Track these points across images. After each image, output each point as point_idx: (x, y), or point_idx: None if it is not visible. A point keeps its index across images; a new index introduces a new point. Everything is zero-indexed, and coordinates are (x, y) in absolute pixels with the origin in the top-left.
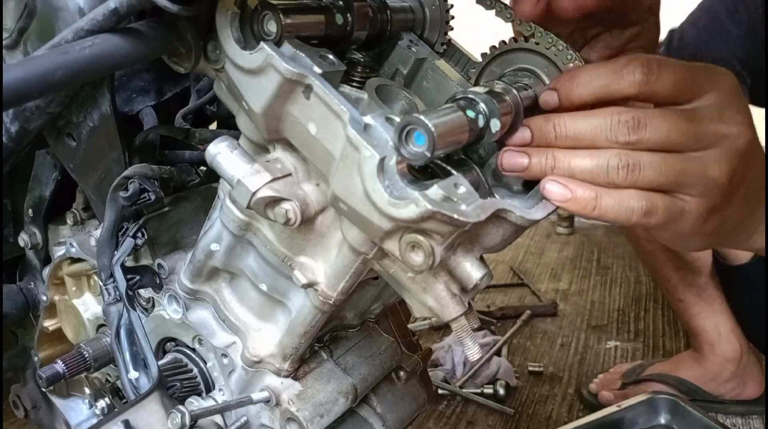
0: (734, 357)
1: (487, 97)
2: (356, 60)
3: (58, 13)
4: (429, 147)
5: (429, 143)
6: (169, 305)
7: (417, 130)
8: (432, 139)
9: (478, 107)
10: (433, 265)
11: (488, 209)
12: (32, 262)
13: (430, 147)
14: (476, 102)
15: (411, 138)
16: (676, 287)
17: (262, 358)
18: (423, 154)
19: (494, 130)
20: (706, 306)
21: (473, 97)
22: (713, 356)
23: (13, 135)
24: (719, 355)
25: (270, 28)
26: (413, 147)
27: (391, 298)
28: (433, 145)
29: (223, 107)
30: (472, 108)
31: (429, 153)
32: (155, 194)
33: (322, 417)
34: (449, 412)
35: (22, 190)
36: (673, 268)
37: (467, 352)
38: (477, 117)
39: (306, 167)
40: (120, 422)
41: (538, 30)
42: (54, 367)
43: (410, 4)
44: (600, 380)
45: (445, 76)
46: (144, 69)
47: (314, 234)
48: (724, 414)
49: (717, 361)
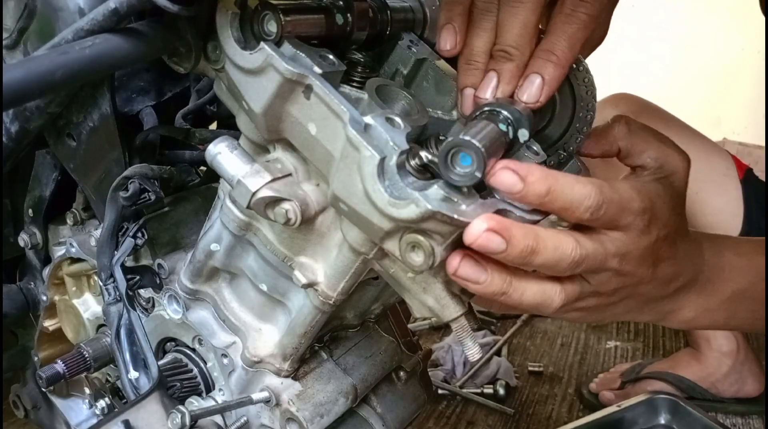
0: (731, 351)
1: (511, 107)
2: (356, 60)
3: (58, 13)
4: (479, 167)
5: (479, 163)
6: (169, 305)
7: (463, 151)
8: (482, 158)
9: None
10: (433, 265)
11: (488, 209)
12: (32, 262)
13: (480, 167)
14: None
15: (456, 160)
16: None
17: (262, 358)
18: (473, 174)
19: (522, 140)
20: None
21: (498, 110)
22: (710, 351)
23: (13, 135)
24: (716, 350)
25: (270, 28)
26: (460, 169)
27: (391, 298)
28: (483, 164)
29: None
30: (502, 121)
31: (480, 173)
32: (155, 194)
33: (322, 417)
34: (449, 412)
35: (22, 190)
36: None
37: (467, 352)
38: (508, 129)
39: (306, 167)
40: (120, 422)
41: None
42: (54, 367)
43: (410, 4)
44: (600, 380)
45: (446, 76)
46: (144, 69)
47: (314, 234)
48: (724, 414)
49: (714, 356)
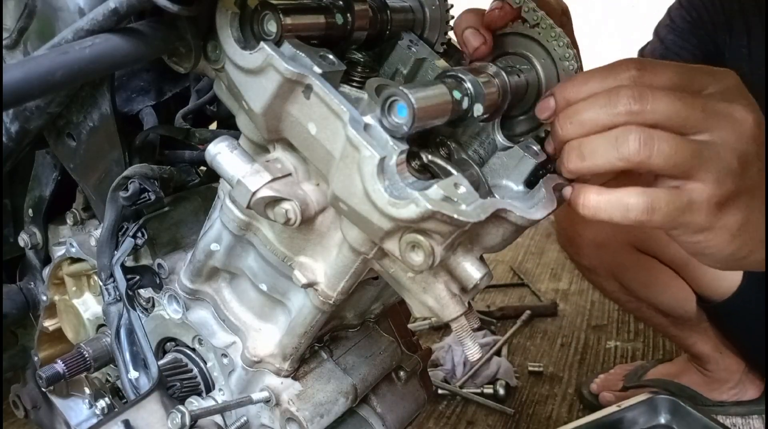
0: (738, 368)
1: (475, 79)
2: (356, 60)
3: (58, 13)
4: (409, 120)
5: (410, 116)
6: (169, 305)
7: (400, 102)
8: (413, 113)
9: (465, 88)
10: (433, 265)
11: (488, 209)
12: (32, 262)
13: (410, 120)
14: (464, 82)
15: (393, 109)
16: (668, 328)
17: (262, 358)
18: (402, 126)
19: (476, 114)
20: (701, 335)
21: (462, 77)
22: (717, 371)
23: (13, 135)
24: (723, 369)
25: (270, 28)
26: (394, 118)
27: (391, 298)
28: (413, 118)
29: (223, 107)
30: (458, 88)
31: (407, 127)
32: (155, 194)
33: (322, 417)
34: (449, 412)
35: (22, 190)
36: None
37: (467, 352)
38: (462, 99)
39: (306, 167)
40: (120, 422)
41: (545, 21)
42: (54, 367)
43: (410, 4)
44: (600, 380)
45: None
46: (144, 69)
47: (314, 234)
48: (724, 414)
49: (721, 374)
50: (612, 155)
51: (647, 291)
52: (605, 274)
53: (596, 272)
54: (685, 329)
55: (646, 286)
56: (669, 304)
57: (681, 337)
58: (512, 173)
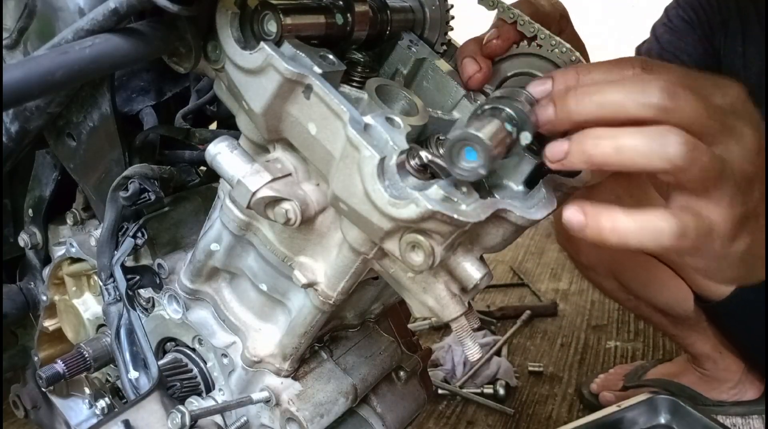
0: (738, 368)
1: (518, 107)
2: (356, 60)
3: (58, 13)
4: (485, 163)
5: (485, 159)
6: (169, 305)
7: (468, 145)
8: (488, 154)
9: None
10: (433, 265)
11: (488, 209)
12: (32, 262)
13: (486, 163)
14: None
15: (461, 155)
16: (667, 327)
17: (262, 358)
18: (477, 170)
19: (524, 143)
20: (701, 334)
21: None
22: (716, 371)
23: (13, 135)
24: (723, 370)
25: (270, 28)
26: (465, 163)
27: (391, 298)
28: (489, 160)
29: (223, 107)
30: (508, 121)
31: (484, 170)
32: (155, 194)
33: (322, 417)
34: (449, 412)
35: (22, 190)
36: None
37: (467, 352)
38: (512, 129)
39: (306, 167)
40: (120, 422)
41: (542, 32)
42: (54, 367)
43: (410, 4)
44: (600, 380)
45: (445, 76)
46: (144, 69)
47: (314, 234)
48: (724, 414)
49: (720, 374)
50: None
51: (645, 290)
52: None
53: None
54: (684, 328)
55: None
56: (667, 303)
57: (680, 337)
58: (512, 173)
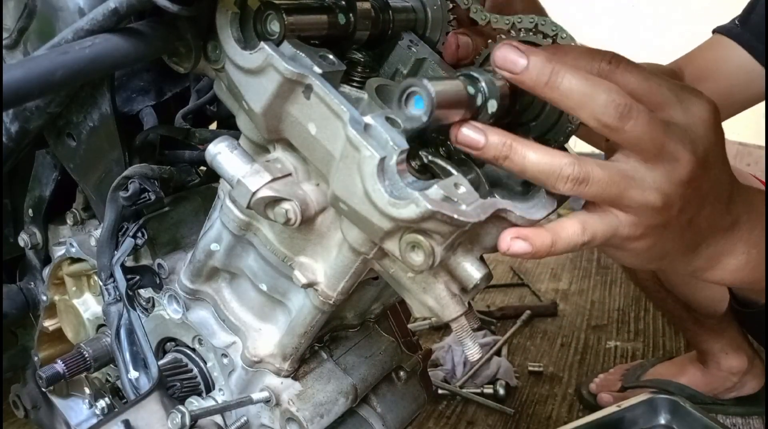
0: (740, 370)
1: (490, 78)
2: (356, 60)
3: (58, 13)
4: (427, 111)
5: (427, 108)
6: (169, 305)
7: (418, 93)
8: (431, 104)
9: (479, 85)
10: (433, 265)
11: (488, 209)
12: (32, 262)
13: (428, 112)
14: (478, 80)
15: (411, 101)
16: (686, 322)
17: (262, 358)
18: (420, 118)
19: (490, 111)
20: (714, 334)
21: (476, 75)
22: (719, 371)
23: (13, 135)
24: (725, 370)
25: (273, 28)
26: (412, 110)
27: (391, 298)
28: (431, 110)
29: (223, 107)
30: (473, 85)
31: (426, 117)
32: (155, 194)
33: (322, 417)
34: (449, 412)
35: (22, 190)
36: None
37: (467, 352)
38: (476, 95)
39: (306, 167)
40: (120, 422)
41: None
42: (54, 367)
43: (412, 4)
44: (600, 380)
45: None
46: (144, 69)
47: (314, 234)
48: (724, 414)
49: (722, 375)
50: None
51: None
52: None
53: None
54: (704, 327)
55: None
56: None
57: (694, 333)
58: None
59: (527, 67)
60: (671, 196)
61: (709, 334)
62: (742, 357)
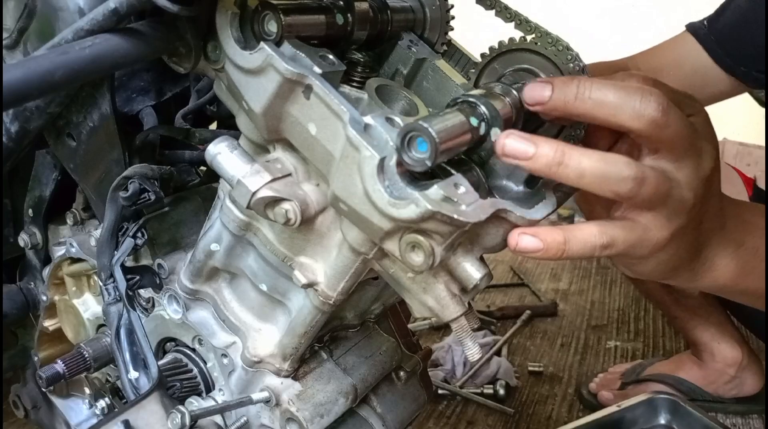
0: (735, 361)
1: (490, 103)
2: (356, 60)
3: (58, 13)
4: (431, 155)
5: (431, 151)
6: (169, 305)
7: (419, 136)
8: (435, 148)
9: (480, 113)
10: (433, 265)
11: (488, 209)
12: (32, 262)
13: (432, 155)
14: (478, 107)
15: (413, 144)
16: (669, 307)
17: (262, 358)
18: (424, 161)
19: (494, 139)
20: (702, 320)
21: (476, 102)
22: (714, 363)
23: (13, 135)
24: (720, 362)
25: (270, 28)
26: (415, 153)
27: (391, 298)
28: (435, 153)
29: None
30: (474, 114)
31: (430, 162)
32: (155, 194)
33: (322, 417)
34: (449, 412)
35: (22, 190)
36: (664, 292)
37: (467, 352)
38: (479, 125)
39: (306, 167)
40: (120, 422)
41: (539, 29)
42: (54, 367)
43: (411, 4)
44: (600, 380)
45: (446, 76)
46: (144, 69)
47: (314, 234)
48: (724, 414)
49: (718, 366)
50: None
51: None
52: None
53: None
54: (687, 310)
55: None
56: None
57: (681, 320)
58: (512, 173)
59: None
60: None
61: (697, 320)
62: (734, 346)
